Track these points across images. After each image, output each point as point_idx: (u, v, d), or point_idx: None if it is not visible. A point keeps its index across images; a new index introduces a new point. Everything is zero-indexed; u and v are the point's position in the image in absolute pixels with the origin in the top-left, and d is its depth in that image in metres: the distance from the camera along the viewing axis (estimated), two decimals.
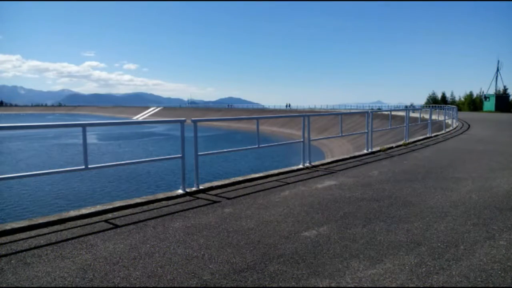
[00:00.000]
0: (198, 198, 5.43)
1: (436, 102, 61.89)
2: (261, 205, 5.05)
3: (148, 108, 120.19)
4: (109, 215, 4.57)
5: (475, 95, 62.34)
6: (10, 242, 3.71)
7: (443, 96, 69.14)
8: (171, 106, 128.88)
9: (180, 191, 5.63)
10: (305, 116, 8.25)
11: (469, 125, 20.15)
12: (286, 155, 26.82)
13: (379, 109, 52.99)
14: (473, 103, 59.95)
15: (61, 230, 4.04)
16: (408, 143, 12.11)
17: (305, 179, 6.74)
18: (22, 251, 3.50)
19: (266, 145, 8.53)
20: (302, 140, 8.20)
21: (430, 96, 71.19)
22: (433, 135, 15.02)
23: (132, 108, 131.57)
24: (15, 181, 17.74)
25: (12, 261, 3.28)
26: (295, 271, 3.09)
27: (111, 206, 4.77)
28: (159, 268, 3.14)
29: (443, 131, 16.58)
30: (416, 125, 19.54)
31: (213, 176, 18.11)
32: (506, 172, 7.25)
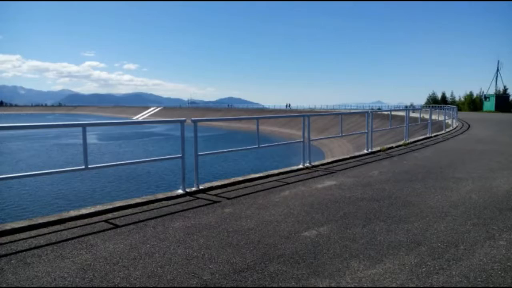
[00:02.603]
0: (198, 198, 5.43)
1: (436, 102, 61.95)
2: (261, 205, 5.05)
3: (148, 108, 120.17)
4: (109, 215, 4.57)
5: (475, 95, 62.49)
6: (10, 242, 3.71)
7: (443, 96, 69.23)
8: (171, 106, 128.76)
9: (180, 191, 5.63)
10: (305, 116, 8.25)
11: (469, 125, 20.14)
12: (286, 155, 26.82)
13: (379, 109, 52.95)
14: (473, 103, 60.10)
15: (61, 230, 4.04)
16: (408, 143, 12.10)
17: (305, 179, 6.73)
18: (22, 251, 3.50)
19: (266, 145, 8.52)
20: (302, 140, 8.19)
21: (430, 96, 71.31)
22: (433, 135, 15.02)
23: (132, 108, 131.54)
24: (15, 181, 17.73)
25: (12, 261, 3.28)
26: (295, 271, 3.08)
27: (111, 206, 4.77)
28: (159, 268, 3.14)
29: (443, 131, 16.57)
30: (416, 125, 19.54)
31: (213, 176, 18.11)
32: (506, 172, 7.25)
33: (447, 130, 17.20)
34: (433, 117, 18.89)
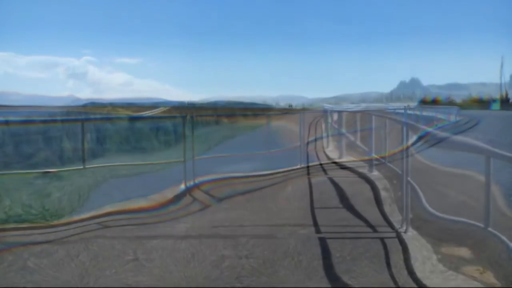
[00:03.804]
0: (196, 199, 5.40)
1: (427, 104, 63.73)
2: (259, 203, 5.05)
3: (154, 108, 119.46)
4: (108, 217, 4.51)
5: (482, 98, 68.31)
6: (6, 238, 3.69)
7: (437, 99, 71.23)
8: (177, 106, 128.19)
9: (181, 188, 5.58)
10: (302, 113, 8.27)
11: (478, 120, 19.76)
12: (286, 154, 26.67)
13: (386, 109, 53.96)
14: (481, 103, 65.07)
15: (62, 231, 4.01)
16: (407, 146, 11.97)
17: (303, 176, 6.74)
18: (19, 250, 3.47)
19: (276, 150, 8.13)
20: (299, 143, 8.14)
21: (421, 99, 73.53)
22: (428, 134, 14.89)
23: (137, 107, 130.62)
24: (13, 181, 17.60)
25: (5, 263, 3.25)
26: (295, 273, 3.05)
27: (109, 209, 4.70)
28: (161, 270, 3.11)
29: (440, 130, 16.51)
30: (414, 124, 19.48)
31: (212, 174, 18.02)
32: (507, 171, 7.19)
33: (442, 125, 17.20)
34: (426, 114, 18.85)
